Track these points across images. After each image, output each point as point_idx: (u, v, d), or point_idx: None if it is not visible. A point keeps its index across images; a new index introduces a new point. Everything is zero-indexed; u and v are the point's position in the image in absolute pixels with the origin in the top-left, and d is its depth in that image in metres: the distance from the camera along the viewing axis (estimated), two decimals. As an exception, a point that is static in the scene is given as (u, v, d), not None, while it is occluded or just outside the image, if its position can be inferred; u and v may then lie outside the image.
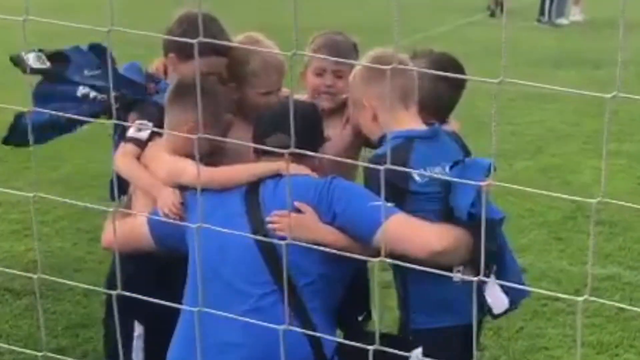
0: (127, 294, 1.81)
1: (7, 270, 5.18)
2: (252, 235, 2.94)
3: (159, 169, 3.25)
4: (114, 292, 1.80)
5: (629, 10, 15.77)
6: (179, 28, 3.48)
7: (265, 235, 2.90)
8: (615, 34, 15.92)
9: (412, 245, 2.85)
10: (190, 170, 3.12)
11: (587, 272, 5.86)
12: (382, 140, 3.16)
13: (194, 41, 1.66)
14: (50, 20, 1.81)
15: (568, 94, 10.18)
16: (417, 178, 3.01)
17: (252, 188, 3.06)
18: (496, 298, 3.08)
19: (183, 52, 3.47)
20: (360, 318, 3.65)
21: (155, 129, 3.33)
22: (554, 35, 16.54)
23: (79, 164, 7.92)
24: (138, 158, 3.38)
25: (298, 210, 2.96)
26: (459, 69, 3.46)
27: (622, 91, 1.47)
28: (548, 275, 5.85)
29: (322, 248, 2.66)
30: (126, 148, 3.40)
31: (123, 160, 3.35)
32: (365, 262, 3.27)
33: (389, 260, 1.62)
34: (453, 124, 3.55)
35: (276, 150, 2.78)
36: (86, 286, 4.49)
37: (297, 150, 1.85)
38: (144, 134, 3.42)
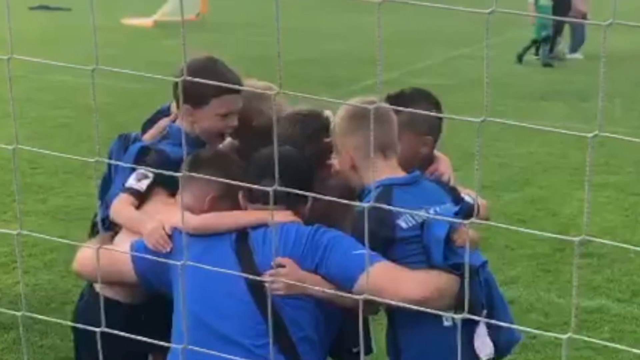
0: (111, 331, 1.79)
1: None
2: (244, 272, 2.92)
3: (157, 217, 3.21)
4: (97, 330, 1.78)
5: (616, 43, 15.97)
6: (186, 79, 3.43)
7: (261, 289, 2.87)
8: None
9: (392, 295, 2.80)
10: (179, 215, 3.10)
11: (575, 305, 5.87)
12: (362, 194, 3.16)
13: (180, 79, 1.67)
14: (36, 57, 1.81)
15: (550, 131, 10.24)
16: (402, 225, 2.99)
17: (242, 235, 3.04)
18: (482, 343, 3.08)
19: (197, 100, 3.44)
20: (355, 350, 3.65)
21: (157, 178, 3.28)
22: (541, 68, 16.66)
23: (67, 196, 7.91)
24: (137, 208, 3.32)
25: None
26: (436, 101, 3.48)
27: (608, 124, 1.48)
28: (536, 308, 5.85)
29: (315, 288, 2.67)
30: (123, 198, 3.34)
31: (118, 208, 3.31)
32: None
33: (372, 297, 1.62)
34: (441, 159, 3.56)
35: (265, 189, 2.81)
36: (72, 324, 4.46)
37: (283, 189, 1.84)
38: (143, 185, 3.36)
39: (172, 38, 16.84)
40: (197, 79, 2.95)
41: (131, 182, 3.36)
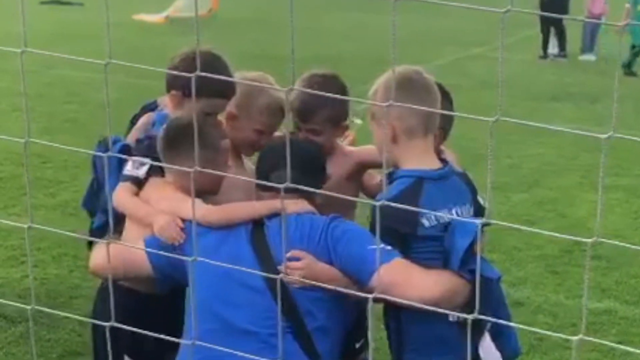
0: (120, 326, 1.78)
1: (1, 301, 5.16)
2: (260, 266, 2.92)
3: (162, 205, 3.21)
4: (107, 324, 1.77)
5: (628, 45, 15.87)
6: (183, 65, 3.42)
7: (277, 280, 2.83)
8: (613, 69, 16.03)
9: (404, 294, 2.78)
10: (191, 208, 3.10)
11: (586, 306, 5.86)
12: (391, 176, 3.06)
13: (192, 75, 1.66)
14: (48, 52, 1.81)
15: (562, 132, 10.21)
16: (425, 223, 2.96)
17: (257, 226, 3.03)
18: (489, 354, 3.06)
19: (188, 91, 3.40)
20: (357, 345, 3.65)
21: (156, 164, 3.25)
22: (553, 69, 16.63)
23: (76, 191, 7.92)
24: (136, 196, 3.31)
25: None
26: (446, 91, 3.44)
27: (620, 126, 1.47)
28: (544, 309, 5.84)
29: (329, 286, 2.67)
30: (124, 187, 3.32)
31: (121, 196, 3.28)
32: None
33: (382, 296, 1.61)
34: (447, 154, 3.55)
35: (276, 186, 2.81)
36: (80, 318, 4.47)
37: (294, 186, 1.83)
38: (142, 171, 3.36)
39: (183, 34, 16.85)
40: (209, 74, 2.94)
41: (129, 170, 3.34)
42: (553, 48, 17.86)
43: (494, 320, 2.86)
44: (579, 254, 6.69)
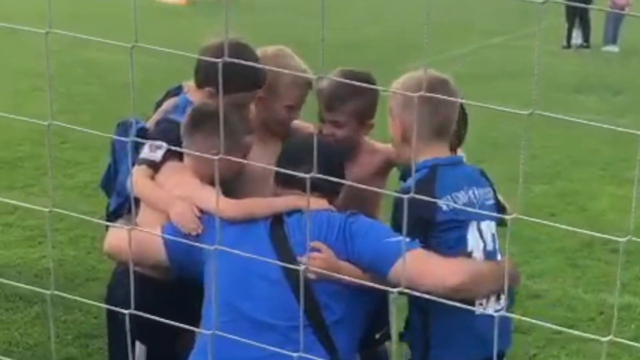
0: (138, 313, 1.76)
1: (19, 284, 5.16)
2: (278, 262, 2.91)
3: (178, 191, 3.17)
4: (126, 312, 1.74)
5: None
6: (210, 62, 3.32)
7: (297, 274, 2.85)
8: (636, 61, 15.91)
9: (426, 282, 2.80)
10: (212, 200, 3.06)
11: (602, 300, 5.80)
12: (406, 173, 3.15)
13: (219, 60, 1.62)
14: (72, 33, 1.78)
15: (587, 124, 10.11)
16: (443, 207, 2.98)
17: (276, 221, 3.02)
18: None
19: (226, 87, 3.31)
20: (377, 336, 3.63)
21: (172, 148, 3.19)
22: (576, 60, 16.51)
23: (94, 172, 7.91)
24: (152, 179, 3.27)
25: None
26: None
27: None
28: (563, 303, 5.79)
29: (348, 278, 2.68)
30: (140, 170, 3.27)
31: (137, 179, 3.22)
32: None
33: (407, 291, 1.58)
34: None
35: (298, 175, 2.80)
36: (96, 303, 4.45)
37: (320, 176, 1.81)
38: (158, 155, 3.31)
39: (204, 16, 16.83)
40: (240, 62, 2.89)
41: (145, 153, 3.30)
42: (577, 38, 17.73)
43: (517, 316, 2.85)
44: (599, 247, 6.63)
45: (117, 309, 2.54)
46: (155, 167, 3.30)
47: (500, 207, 3.21)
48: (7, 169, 8.07)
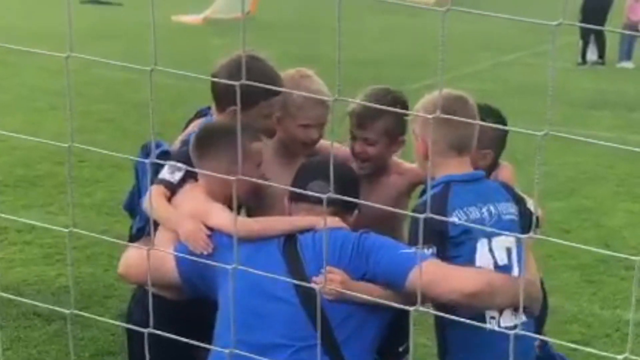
0: (156, 332, 1.79)
1: (38, 303, 5.19)
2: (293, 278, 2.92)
3: (187, 207, 3.18)
4: (145, 330, 1.78)
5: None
6: (232, 78, 3.36)
7: (310, 293, 2.86)
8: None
9: (443, 288, 2.84)
10: (223, 218, 3.08)
11: (618, 317, 5.79)
12: (424, 190, 3.22)
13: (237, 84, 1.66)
14: (89, 52, 1.82)
15: (607, 147, 10.11)
16: (455, 220, 3.02)
17: (289, 240, 3.02)
18: None
19: (244, 101, 3.35)
20: (400, 349, 3.66)
21: (191, 169, 3.21)
22: (590, 76, 16.49)
23: (112, 190, 7.97)
24: (168, 200, 3.29)
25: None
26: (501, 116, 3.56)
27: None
28: (579, 319, 5.79)
29: (365, 297, 2.70)
30: (157, 190, 3.29)
31: (152, 198, 3.24)
32: None
33: (423, 309, 1.60)
34: (504, 167, 3.59)
35: (314, 195, 2.83)
36: (113, 322, 4.49)
37: (335, 196, 1.83)
38: (177, 177, 3.33)
39: (221, 36, 16.92)
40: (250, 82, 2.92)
41: (164, 174, 3.33)
42: (592, 54, 17.71)
43: (532, 335, 2.88)
44: (614, 263, 6.62)
45: (134, 327, 2.57)
46: (172, 188, 3.32)
47: (528, 218, 3.22)
48: (25, 187, 8.13)
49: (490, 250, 3.07)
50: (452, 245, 3.02)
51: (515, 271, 3.14)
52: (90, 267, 6.26)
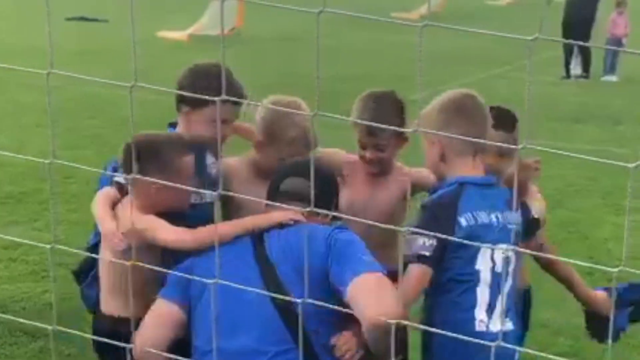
0: (153, 350, 1.80)
1: (20, 320, 5.17)
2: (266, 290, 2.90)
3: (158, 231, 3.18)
4: (127, 346, 1.78)
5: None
6: (187, 80, 3.48)
7: (284, 301, 2.81)
8: (636, 91, 15.96)
9: (357, 308, 2.71)
10: (169, 233, 3.10)
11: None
12: (436, 188, 3.21)
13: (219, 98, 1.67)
14: (73, 69, 1.83)
15: (585, 153, 10.16)
16: (462, 223, 3.04)
17: (258, 241, 3.01)
18: None
19: (194, 102, 3.49)
20: None
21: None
22: (575, 90, 16.57)
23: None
24: (117, 202, 3.38)
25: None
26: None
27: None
28: (566, 331, 5.80)
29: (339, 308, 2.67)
30: (103, 192, 3.41)
31: (96, 200, 3.37)
32: None
33: (407, 322, 1.61)
34: (534, 191, 3.61)
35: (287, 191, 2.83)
36: (98, 338, 4.47)
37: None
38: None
39: (206, 52, 16.92)
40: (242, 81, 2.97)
41: (119, 177, 3.43)
42: (575, 68, 17.79)
43: (518, 348, 2.89)
44: (600, 276, 6.63)
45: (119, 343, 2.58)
46: (121, 189, 3.42)
47: (531, 226, 3.31)
48: (12, 204, 8.11)
49: (492, 257, 3.10)
50: (457, 246, 3.02)
51: (510, 282, 3.18)
52: (76, 284, 6.23)
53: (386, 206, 3.68)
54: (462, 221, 3.04)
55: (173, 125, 3.75)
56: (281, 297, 2.77)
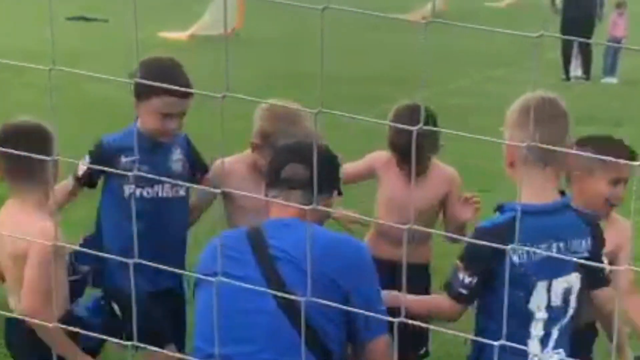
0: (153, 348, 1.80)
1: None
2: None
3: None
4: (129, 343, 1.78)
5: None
6: (135, 72, 3.52)
7: (288, 300, 2.73)
8: (636, 93, 15.96)
9: None
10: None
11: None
12: (500, 208, 2.99)
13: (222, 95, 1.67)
14: (74, 68, 1.82)
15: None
16: (515, 259, 2.83)
17: (260, 243, 2.92)
18: None
19: (140, 93, 3.58)
20: (421, 352, 3.78)
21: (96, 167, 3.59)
22: (576, 92, 16.54)
23: (92, 207, 7.92)
24: (75, 193, 3.81)
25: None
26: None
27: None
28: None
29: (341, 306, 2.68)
30: (65, 182, 3.77)
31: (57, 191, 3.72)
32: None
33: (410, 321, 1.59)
34: (615, 218, 3.50)
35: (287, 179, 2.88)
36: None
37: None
38: (80, 171, 3.73)
39: (205, 51, 16.92)
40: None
41: (79, 166, 3.77)
42: (575, 70, 17.78)
43: None
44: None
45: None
46: (77, 180, 3.79)
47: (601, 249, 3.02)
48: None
49: (548, 290, 2.89)
50: (497, 284, 2.84)
51: (570, 312, 2.97)
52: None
53: (423, 204, 3.80)
54: (515, 258, 2.81)
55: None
56: (282, 294, 2.74)
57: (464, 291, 2.94)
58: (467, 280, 2.90)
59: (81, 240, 3.77)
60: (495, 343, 1.44)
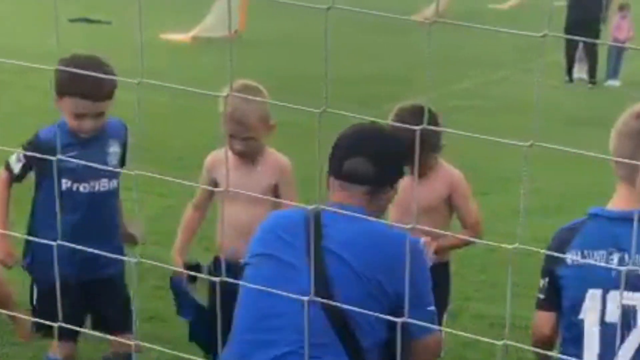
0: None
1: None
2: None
3: None
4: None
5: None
6: (59, 69, 3.54)
7: (325, 293, 2.68)
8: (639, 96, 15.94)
9: None
10: None
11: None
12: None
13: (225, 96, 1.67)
14: (74, 70, 1.82)
15: (593, 157, 10.07)
16: (568, 261, 2.80)
17: (316, 231, 2.84)
18: None
19: (56, 93, 3.64)
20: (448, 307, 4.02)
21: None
22: (578, 94, 16.55)
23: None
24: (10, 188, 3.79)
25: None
26: None
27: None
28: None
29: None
30: (2, 175, 3.79)
31: None
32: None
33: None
34: None
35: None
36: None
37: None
38: (17, 167, 3.74)
39: (209, 54, 16.92)
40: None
41: (12, 160, 3.76)
42: (579, 72, 17.76)
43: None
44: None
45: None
46: (15, 177, 3.81)
47: None
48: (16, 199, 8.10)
49: (603, 302, 2.73)
50: (560, 287, 2.81)
51: (636, 334, 2.70)
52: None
53: (427, 202, 3.82)
54: (568, 259, 2.79)
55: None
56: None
57: (540, 295, 2.92)
58: (541, 283, 2.90)
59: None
60: (499, 343, 1.41)
